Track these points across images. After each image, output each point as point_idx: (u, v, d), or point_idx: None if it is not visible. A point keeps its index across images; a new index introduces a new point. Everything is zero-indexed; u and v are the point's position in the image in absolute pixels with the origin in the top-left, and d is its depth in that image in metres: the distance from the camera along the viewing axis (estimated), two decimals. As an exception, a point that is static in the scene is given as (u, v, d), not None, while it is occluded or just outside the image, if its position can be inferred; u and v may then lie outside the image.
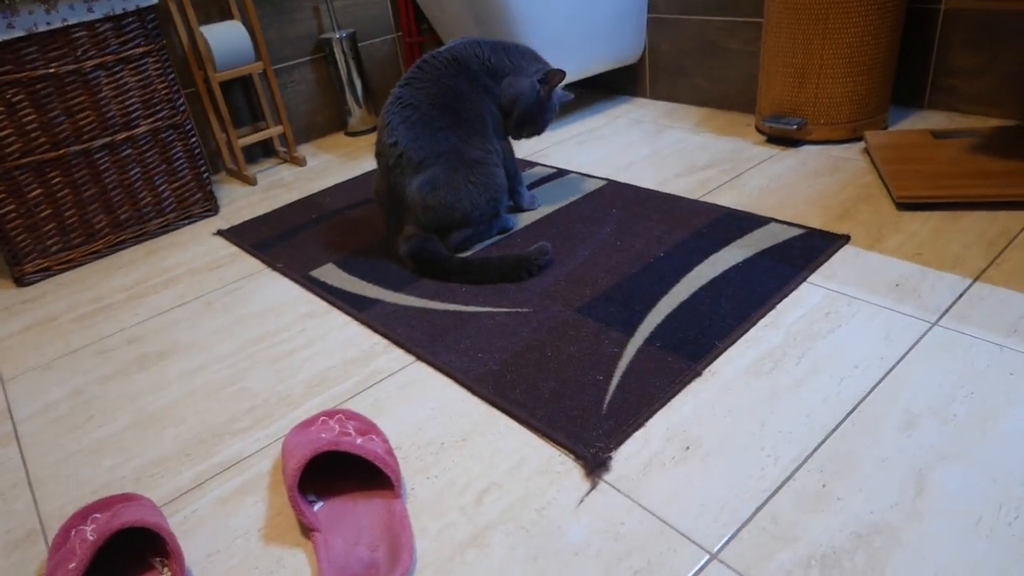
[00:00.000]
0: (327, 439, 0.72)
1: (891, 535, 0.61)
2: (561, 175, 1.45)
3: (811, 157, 1.36)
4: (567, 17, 1.59)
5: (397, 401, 0.88)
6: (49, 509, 0.80)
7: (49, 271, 1.39)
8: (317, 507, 0.72)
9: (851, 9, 1.26)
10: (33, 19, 1.25)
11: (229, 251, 1.38)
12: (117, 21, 1.35)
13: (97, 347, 1.11)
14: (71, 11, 1.29)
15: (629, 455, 0.73)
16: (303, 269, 1.23)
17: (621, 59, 1.75)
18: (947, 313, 0.87)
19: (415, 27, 2.02)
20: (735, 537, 0.63)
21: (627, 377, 0.84)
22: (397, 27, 2.05)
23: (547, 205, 1.32)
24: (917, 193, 1.10)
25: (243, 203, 1.61)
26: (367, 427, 0.78)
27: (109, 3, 1.32)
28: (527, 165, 1.53)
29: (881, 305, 0.90)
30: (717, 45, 1.66)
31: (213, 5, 1.71)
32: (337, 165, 1.75)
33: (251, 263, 1.31)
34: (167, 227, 1.52)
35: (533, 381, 0.86)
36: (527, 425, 0.80)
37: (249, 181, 1.72)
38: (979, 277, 0.93)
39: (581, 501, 0.69)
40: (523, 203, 1.30)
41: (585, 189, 1.36)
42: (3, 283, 1.40)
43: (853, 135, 1.38)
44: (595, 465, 0.72)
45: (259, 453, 0.83)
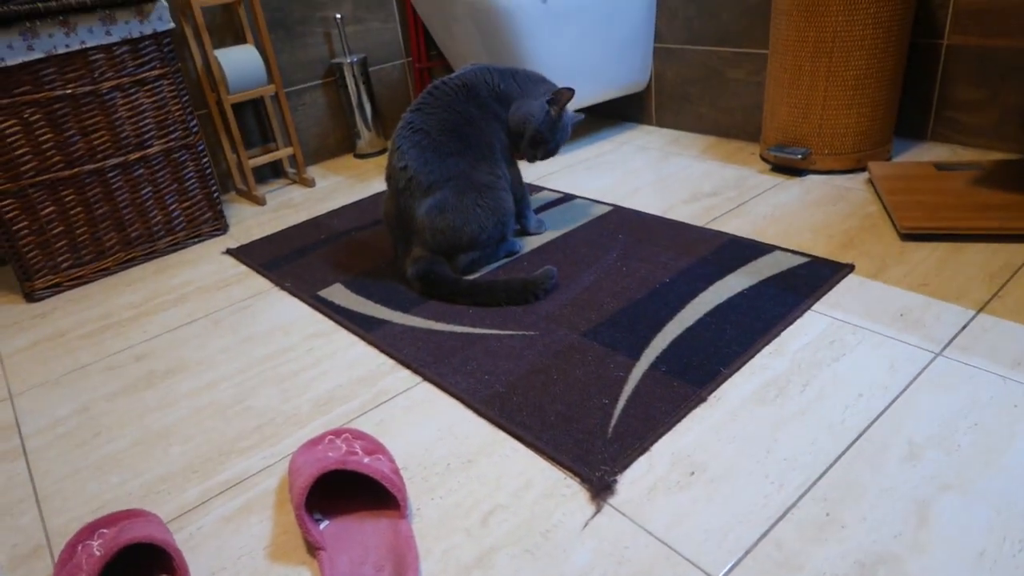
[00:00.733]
0: (334, 458, 0.72)
1: (895, 565, 0.61)
2: (568, 200, 1.46)
3: (815, 186, 1.37)
4: (575, 45, 1.62)
5: (404, 421, 0.88)
6: (56, 524, 0.80)
7: (59, 287, 1.40)
8: (323, 526, 0.72)
9: (855, 43, 1.28)
10: (53, 42, 1.28)
11: (238, 270, 1.39)
12: (134, 44, 1.38)
13: (105, 363, 1.12)
14: (90, 34, 1.32)
15: (634, 479, 0.74)
16: (311, 289, 1.24)
17: (628, 87, 1.78)
18: (951, 344, 0.88)
19: (425, 53, 2.06)
20: (739, 564, 0.63)
21: (632, 401, 0.84)
22: (407, 52, 2.08)
23: (554, 229, 1.33)
24: (921, 224, 1.11)
25: (252, 223, 1.62)
26: (374, 447, 0.79)
27: (127, 27, 1.35)
28: (534, 190, 1.55)
29: (885, 335, 0.91)
30: (723, 75, 1.69)
31: (228, 30, 1.75)
32: (346, 187, 1.77)
33: (259, 282, 1.32)
34: (176, 245, 1.53)
35: (539, 404, 0.86)
36: (533, 448, 0.80)
37: (258, 201, 1.74)
38: (983, 309, 0.93)
39: (586, 524, 0.69)
40: (530, 227, 1.32)
41: (591, 214, 1.37)
42: (13, 298, 1.41)
43: (857, 165, 1.40)
44: (600, 489, 0.73)
45: (265, 471, 0.83)
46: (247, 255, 1.43)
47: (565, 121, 1.24)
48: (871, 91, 1.32)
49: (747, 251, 1.15)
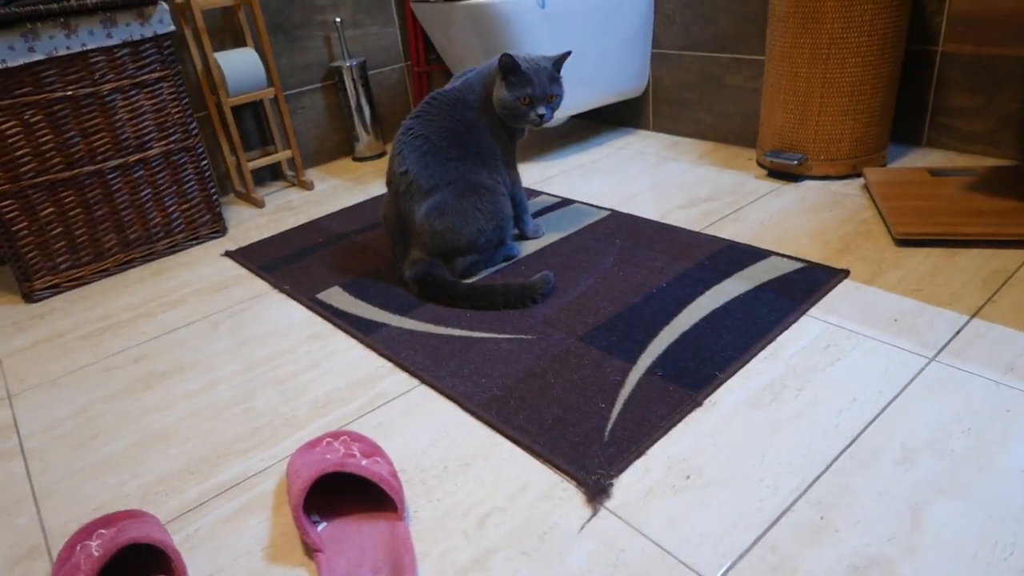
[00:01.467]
0: (332, 460, 0.73)
1: (888, 568, 0.61)
2: (565, 204, 1.47)
3: (811, 192, 1.38)
4: (573, 50, 1.62)
5: (401, 424, 0.89)
6: (53, 525, 0.80)
7: (58, 288, 1.41)
8: (321, 528, 0.72)
9: (851, 50, 1.29)
10: (54, 43, 1.29)
11: (236, 272, 1.39)
12: (135, 47, 1.38)
13: (103, 365, 1.12)
14: (91, 36, 1.32)
15: (630, 483, 0.74)
16: (309, 291, 1.24)
17: (625, 92, 1.79)
18: (945, 349, 0.88)
19: (424, 57, 2.07)
20: (734, 567, 0.64)
21: (629, 405, 0.85)
22: (406, 56, 2.09)
23: (551, 234, 1.34)
24: (916, 230, 1.12)
25: (251, 225, 1.63)
26: (372, 449, 0.79)
27: (128, 29, 1.36)
28: (532, 194, 1.55)
29: (879, 340, 0.92)
30: (720, 81, 1.70)
31: (228, 33, 1.75)
32: (344, 190, 1.78)
33: (258, 284, 1.32)
34: (175, 247, 1.54)
35: (536, 407, 0.87)
36: (530, 451, 0.81)
37: (257, 204, 1.74)
38: (976, 314, 0.94)
39: (582, 527, 0.70)
40: (528, 231, 1.32)
41: (589, 219, 1.38)
42: (12, 299, 1.41)
43: (853, 171, 1.41)
44: (597, 492, 0.73)
45: (263, 473, 0.84)
46: (246, 257, 1.43)
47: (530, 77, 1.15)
48: (867, 97, 1.33)
49: (743, 256, 1.16)
